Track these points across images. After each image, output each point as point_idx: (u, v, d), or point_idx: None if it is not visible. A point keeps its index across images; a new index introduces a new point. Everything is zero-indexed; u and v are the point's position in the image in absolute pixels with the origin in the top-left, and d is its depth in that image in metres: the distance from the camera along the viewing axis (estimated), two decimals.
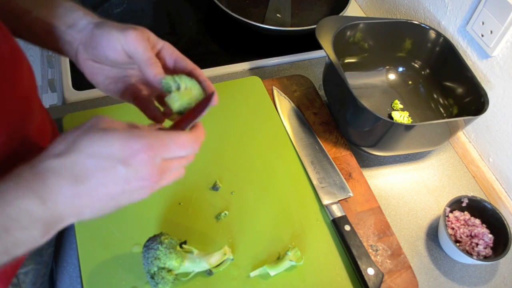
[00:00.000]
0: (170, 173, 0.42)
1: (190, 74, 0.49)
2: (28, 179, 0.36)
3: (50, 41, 0.51)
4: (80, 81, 0.88)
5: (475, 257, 0.68)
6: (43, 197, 0.36)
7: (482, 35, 0.77)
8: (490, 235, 0.70)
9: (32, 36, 0.52)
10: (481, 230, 0.71)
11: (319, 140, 0.81)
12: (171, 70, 0.50)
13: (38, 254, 0.62)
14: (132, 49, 0.46)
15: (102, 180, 0.37)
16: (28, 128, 0.51)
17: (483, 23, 0.76)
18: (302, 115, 0.84)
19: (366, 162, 0.83)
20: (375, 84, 0.92)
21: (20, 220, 0.35)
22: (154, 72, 0.46)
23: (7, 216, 0.35)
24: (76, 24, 0.49)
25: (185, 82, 0.45)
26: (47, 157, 0.37)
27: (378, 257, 0.68)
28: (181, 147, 0.41)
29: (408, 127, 0.72)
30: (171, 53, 0.50)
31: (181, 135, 0.42)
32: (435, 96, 0.88)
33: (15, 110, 0.47)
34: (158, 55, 0.50)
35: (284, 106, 0.85)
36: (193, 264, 0.60)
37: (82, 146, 0.37)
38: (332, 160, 0.78)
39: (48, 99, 1.72)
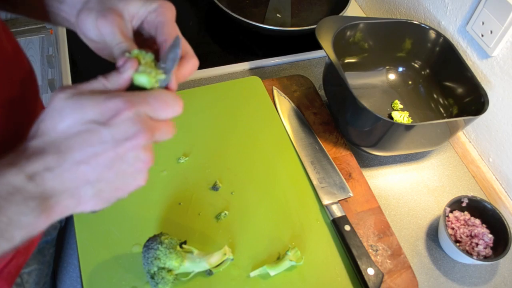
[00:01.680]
0: (160, 132, 0.38)
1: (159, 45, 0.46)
2: (12, 157, 0.34)
3: (50, 19, 0.49)
4: (80, 81, 0.87)
5: (475, 257, 0.68)
6: (29, 172, 0.34)
7: (482, 35, 0.77)
8: (490, 235, 0.70)
9: (34, 13, 0.50)
10: (481, 230, 0.71)
11: (319, 140, 0.81)
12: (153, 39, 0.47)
13: (41, 254, 0.62)
14: (105, 39, 0.43)
15: (88, 148, 0.35)
16: (29, 126, 0.50)
17: (483, 23, 0.76)
18: (302, 115, 0.84)
19: (366, 162, 0.83)
20: (375, 84, 0.92)
21: (11, 197, 0.33)
22: (118, 57, 0.42)
23: None
24: (66, 0, 0.47)
25: (144, 60, 0.41)
26: (29, 139, 0.35)
27: (378, 257, 0.68)
28: (163, 104, 0.38)
29: (408, 127, 0.72)
30: (154, 22, 0.46)
31: (161, 91, 0.39)
32: (435, 96, 0.88)
33: (18, 110, 0.47)
34: (141, 27, 0.46)
35: (284, 106, 0.85)
36: (193, 264, 0.60)
37: (55, 121, 0.35)
38: (332, 160, 0.78)
39: (48, 99, 1.72)
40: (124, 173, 0.37)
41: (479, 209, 0.73)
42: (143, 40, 0.46)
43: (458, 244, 0.71)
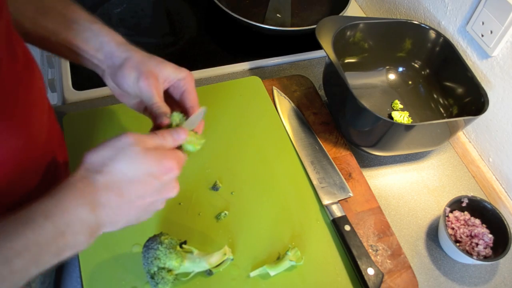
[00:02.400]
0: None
1: (185, 110, 0.57)
2: (83, 190, 0.42)
3: (77, 60, 0.55)
4: (80, 81, 0.88)
5: (475, 257, 0.68)
6: (94, 207, 0.42)
7: (482, 35, 0.77)
8: (490, 235, 0.70)
9: (58, 54, 0.56)
10: (481, 230, 0.71)
11: (319, 140, 0.81)
12: (177, 103, 0.58)
13: None
14: (142, 96, 0.53)
15: (140, 192, 0.45)
16: (40, 130, 0.51)
17: (483, 23, 0.76)
18: (302, 115, 0.84)
19: (366, 162, 0.83)
20: (375, 84, 0.92)
21: (74, 226, 0.41)
22: (158, 115, 0.52)
23: (65, 222, 0.40)
24: (102, 49, 0.54)
25: (175, 121, 0.53)
26: (92, 173, 0.43)
27: (378, 257, 0.68)
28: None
29: (408, 127, 0.72)
30: (181, 88, 0.56)
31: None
32: (435, 96, 0.88)
33: (28, 113, 0.48)
34: (168, 89, 0.57)
35: (284, 106, 0.85)
36: (193, 264, 0.60)
37: (123, 167, 0.44)
38: (332, 160, 0.78)
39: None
40: (151, 210, 0.48)
41: (479, 209, 0.73)
42: (168, 100, 0.55)
43: (458, 244, 0.71)
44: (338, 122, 0.83)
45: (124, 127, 0.78)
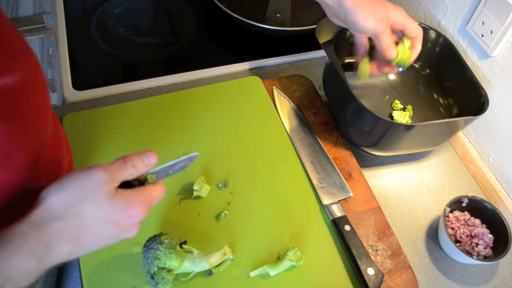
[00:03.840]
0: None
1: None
2: (32, 243, 0.40)
3: None
4: (80, 81, 0.88)
5: (475, 257, 0.68)
6: (43, 259, 0.40)
7: (482, 35, 0.77)
8: (490, 235, 0.70)
9: None
10: (481, 230, 0.71)
11: (319, 140, 0.81)
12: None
13: None
14: (376, 38, 0.67)
15: (95, 238, 0.43)
16: (46, 137, 0.51)
17: (483, 23, 0.76)
18: (302, 115, 0.84)
19: (366, 162, 0.83)
20: (375, 84, 0.92)
21: (17, 277, 0.40)
22: (388, 56, 0.69)
23: (5, 276, 0.39)
24: None
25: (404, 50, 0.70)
26: (50, 219, 0.41)
27: (378, 257, 0.68)
28: (158, 200, 0.50)
29: (408, 127, 0.72)
30: (401, 23, 0.68)
31: (158, 189, 0.49)
32: (435, 96, 0.88)
33: (34, 118, 0.48)
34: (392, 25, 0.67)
35: (284, 106, 0.85)
36: (193, 264, 0.60)
37: (87, 212, 0.42)
38: (332, 160, 0.78)
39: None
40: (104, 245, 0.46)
41: (479, 209, 0.73)
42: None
43: (458, 244, 0.71)
44: (338, 122, 0.83)
45: (124, 127, 0.78)
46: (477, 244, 0.70)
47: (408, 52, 0.70)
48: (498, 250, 0.69)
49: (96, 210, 0.42)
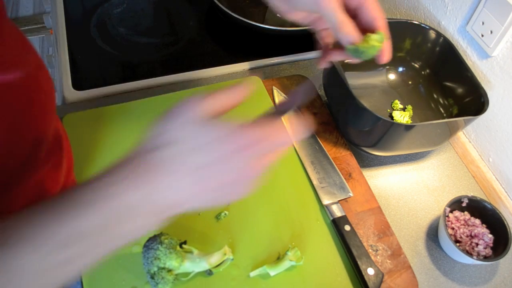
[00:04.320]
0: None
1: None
2: (138, 173, 0.36)
3: None
4: (80, 81, 0.88)
5: (475, 257, 0.68)
6: (150, 194, 0.37)
7: (482, 35, 0.77)
8: (490, 235, 0.70)
9: None
10: (481, 230, 0.71)
11: (319, 140, 0.81)
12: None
13: None
14: (323, 13, 0.47)
15: (215, 171, 0.38)
16: (47, 136, 0.51)
17: (483, 23, 0.76)
18: (302, 115, 0.84)
19: (366, 162, 0.83)
20: (375, 84, 0.92)
21: (132, 211, 0.36)
22: (344, 38, 0.48)
23: (115, 211, 0.36)
24: None
25: (369, 48, 0.48)
26: (149, 151, 0.37)
27: (378, 257, 0.68)
28: (278, 140, 0.41)
29: (408, 127, 0.72)
30: (368, 12, 0.49)
31: (282, 128, 0.41)
32: (435, 96, 0.88)
33: (36, 117, 0.48)
34: (355, 11, 0.50)
35: None
36: (193, 264, 0.60)
37: (186, 137, 0.38)
38: (332, 160, 0.78)
39: None
40: (230, 193, 0.40)
41: (479, 209, 0.73)
42: None
43: (458, 244, 0.71)
44: (338, 122, 0.83)
45: (124, 127, 0.78)
46: (477, 244, 0.70)
47: (370, 39, 0.49)
48: (498, 250, 0.69)
49: (195, 134, 0.38)
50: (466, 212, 0.74)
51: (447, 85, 0.86)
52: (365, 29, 0.50)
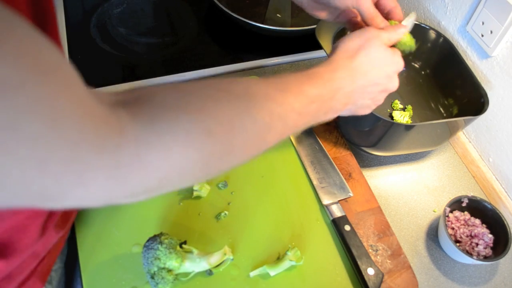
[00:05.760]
0: None
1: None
2: (345, 66, 0.52)
3: None
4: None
5: (475, 257, 0.68)
6: (352, 82, 0.52)
7: (482, 35, 0.77)
8: (490, 235, 0.70)
9: None
10: (481, 230, 0.71)
11: (319, 140, 0.81)
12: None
13: (61, 252, 0.63)
14: (357, 7, 0.59)
15: (376, 77, 0.55)
16: None
17: (483, 23, 0.76)
18: None
19: (366, 162, 0.83)
20: None
21: (340, 91, 0.51)
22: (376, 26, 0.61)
23: (336, 87, 0.51)
24: None
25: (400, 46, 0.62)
26: (347, 57, 0.53)
27: (378, 257, 0.68)
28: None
29: (408, 127, 0.72)
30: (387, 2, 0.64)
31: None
32: (435, 96, 0.88)
33: None
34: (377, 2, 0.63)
35: None
36: (193, 264, 0.60)
37: (370, 53, 0.54)
38: (332, 160, 0.78)
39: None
40: (379, 99, 0.60)
41: (479, 209, 0.73)
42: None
43: (458, 244, 0.71)
44: (338, 122, 0.83)
45: None
46: (477, 244, 0.70)
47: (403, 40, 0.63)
48: (498, 250, 0.69)
49: (375, 53, 0.54)
50: (466, 212, 0.74)
51: (447, 85, 0.86)
52: (385, 17, 0.63)
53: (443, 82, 0.86)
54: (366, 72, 0.53)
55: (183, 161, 0.35)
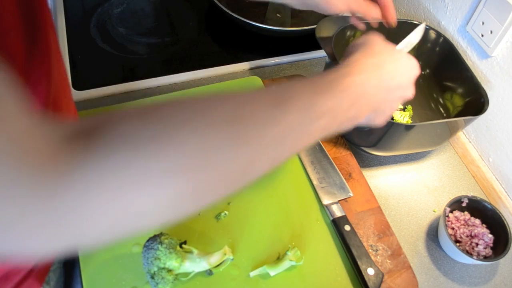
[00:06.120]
0: None
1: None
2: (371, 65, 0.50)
3: None
4: (80, 81, 0.88)
5: (475, 257, 0.68)
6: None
7: (482, 35, 0.77)
8: (490, 235, 0.70)
9: None
10: (481, 230, 0.71)
11: (319, 140, 0.81)
12: None
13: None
14: (350, 12, 0.66)
15: (391, 83, 0.51)
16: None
17: (483, 23, 0.76)
18: None
19: (366, 162, 0.83)
20: None
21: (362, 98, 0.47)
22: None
23: (357, 95, 0.46)
24: None
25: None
26: (366, 57, 0.51)
27: (378, 257, 0.68)
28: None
29: (408, 127, 0.72)
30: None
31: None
32: (435, 96, 0.88)
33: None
34: None
35: None
36: (193, 264, 0.60)
37: (397, 72, 0.52)
38: (332, 160, 0.78)
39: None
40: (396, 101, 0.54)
41: (479, 209, 0.73)
42: None
43: (458, 244, 0.71)
44: None
45: None
46: (477, 244, 0.70)
47: None
48: (498, 250, 0.69)
49: (401, 55, 0.54)
50: (466, 212, 0.74)
51: (447, 85, 0.86)
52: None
53: (443, 82, 0.86)
54: (393, 75, 0.51)
55: (141, 205, 0.30)
